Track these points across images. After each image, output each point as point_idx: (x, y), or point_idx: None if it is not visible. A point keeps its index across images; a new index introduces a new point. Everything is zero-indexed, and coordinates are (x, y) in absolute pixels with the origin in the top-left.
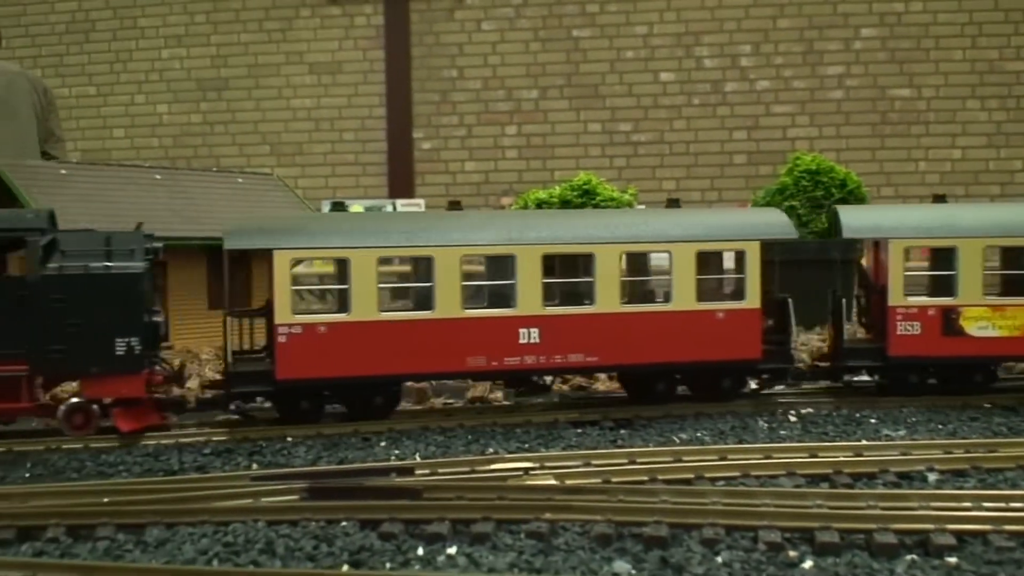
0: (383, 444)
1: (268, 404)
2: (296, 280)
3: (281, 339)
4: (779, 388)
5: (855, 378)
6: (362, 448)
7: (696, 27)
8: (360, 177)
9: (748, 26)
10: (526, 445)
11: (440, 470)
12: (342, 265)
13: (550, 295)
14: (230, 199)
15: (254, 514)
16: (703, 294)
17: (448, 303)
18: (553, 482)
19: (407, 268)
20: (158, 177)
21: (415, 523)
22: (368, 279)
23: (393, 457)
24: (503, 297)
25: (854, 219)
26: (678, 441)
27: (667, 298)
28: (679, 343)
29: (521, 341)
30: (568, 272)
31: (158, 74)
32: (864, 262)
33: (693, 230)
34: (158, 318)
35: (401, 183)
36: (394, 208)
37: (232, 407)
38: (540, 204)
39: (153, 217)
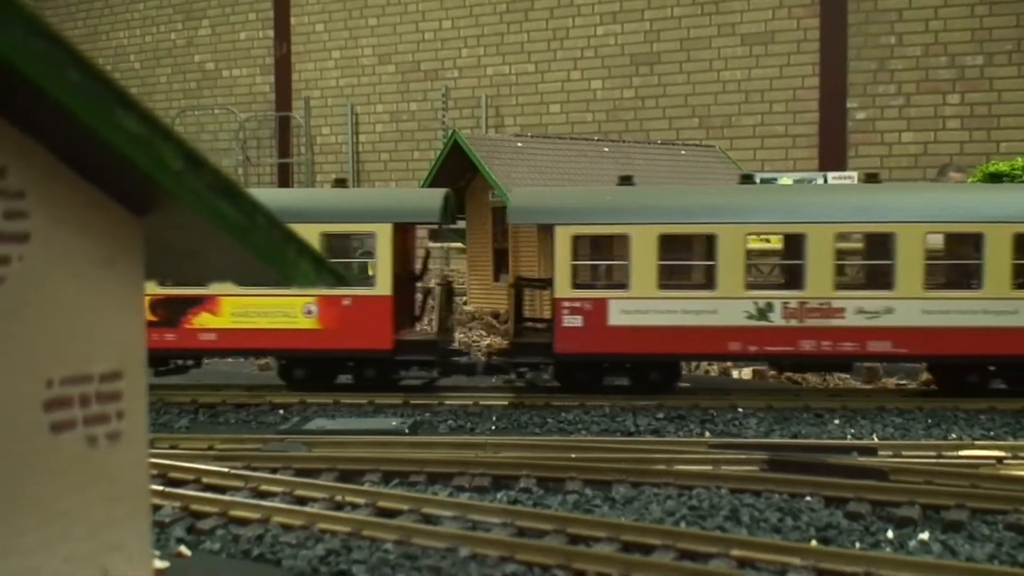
0: (836, 422)
1: None
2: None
3: None
4: None
5: None
6: (815, 424)
7: None
8: (789, 149)
9: None
10: (991, 433)
11: (904, 452)
12: None
13: None
14: (674, 171)
15: (716, 480)
16: None
17: None
18: None
19: None
20: (606, 150)
21: (882, 505)
22: None
23: (849, 436)
24: None
25: None
26: None
27: None
28: None
29: None
30: None
31: (593, 50)
32: None
33: None
34: None
35: (832, 155)
36: (825, 181)
37: None
38: (1000, 177)
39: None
